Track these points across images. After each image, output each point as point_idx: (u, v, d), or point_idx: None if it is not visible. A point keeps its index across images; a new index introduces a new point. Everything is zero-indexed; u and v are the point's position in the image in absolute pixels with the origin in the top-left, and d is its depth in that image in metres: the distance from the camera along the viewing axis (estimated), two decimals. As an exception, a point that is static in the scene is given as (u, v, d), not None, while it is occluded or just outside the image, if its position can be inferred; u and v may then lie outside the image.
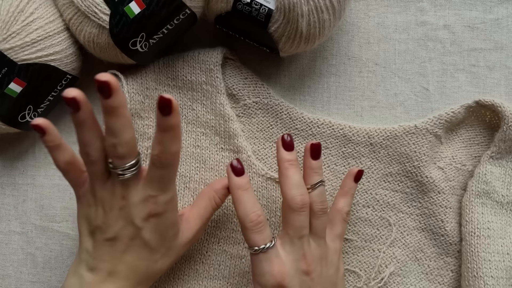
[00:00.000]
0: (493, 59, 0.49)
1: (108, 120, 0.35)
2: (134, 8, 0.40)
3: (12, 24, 0.40)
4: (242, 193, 0.40)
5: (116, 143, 0.35)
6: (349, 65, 0.49)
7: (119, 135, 0.35)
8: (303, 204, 0.39)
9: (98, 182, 0.38)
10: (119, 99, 0.34)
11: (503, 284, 0.43)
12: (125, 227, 0.38)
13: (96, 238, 0.39)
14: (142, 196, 0.37)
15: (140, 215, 0.38)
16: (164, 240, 0.39)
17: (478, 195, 0.45)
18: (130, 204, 0.37)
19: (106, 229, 0.38)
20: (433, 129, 0.46)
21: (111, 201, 0.38)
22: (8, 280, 0.49)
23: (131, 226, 0.38)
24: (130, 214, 0.38)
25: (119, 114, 0.35)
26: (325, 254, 0.41)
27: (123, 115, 0.35)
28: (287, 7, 0.40)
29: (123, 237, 0.38)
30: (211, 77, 0.46)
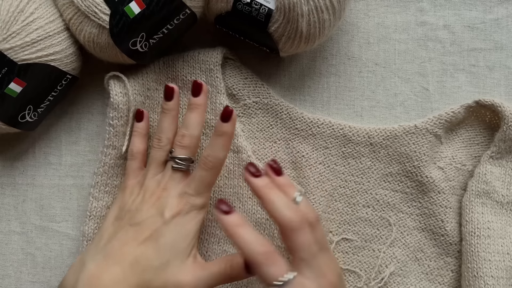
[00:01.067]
0: (493, 59, 0.49)
1: (187, 115, 0.43)
2: (134, 8, 0.40)
3: (12, 24, 0.40)
4: (241, 230, 0.36)
5: (185, 133, 0.42)
6: (349, 65, 0.49)
7: (190, 128, 0.42)
8: (302, 219, 0.37)
9: (152, 170, 0.43)
10: (204, 101, 0.43)
11: (503, 284, 0.43)
12: (154, 217, 0.40)
13: (120, 223, 0.41)
14: (180, 191, 0.41)
15: (172, 210, 0.40)
16: (170, 250, 0.39)
17: (478, 195, 0.45)
18: (168, 195, 0.41)
19: (136, 213, 0.40)
20: (433, 129, 0.46)
21: (154, 189, 0.41)
22: (8, 280, 0.49)
23: (159, 217, 0.40)
24: (164, 205, 0.40)
25: (199, 112, 0.42)
26: (338, 266, 0.39)
27: (200, 115, 0.43)
28: (287, 7, 0.40)
29: (147, 226, 0.40)
30: (211, 77, 0.46)
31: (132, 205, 0.41)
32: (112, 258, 0.39)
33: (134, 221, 0.40)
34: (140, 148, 0.45)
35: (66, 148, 0.49)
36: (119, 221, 0.41)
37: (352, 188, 0.47)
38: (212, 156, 0.41)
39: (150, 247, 0.39)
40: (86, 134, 0.49)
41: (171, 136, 0.43)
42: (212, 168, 0.41)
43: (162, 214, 0.40)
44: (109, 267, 0.38)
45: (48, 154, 0.49)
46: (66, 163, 0.49)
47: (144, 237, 0.39)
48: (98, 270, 0.38)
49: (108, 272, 0.38)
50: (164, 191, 0.41)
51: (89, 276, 0.38)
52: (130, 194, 0.43)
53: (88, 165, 0.49)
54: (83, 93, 0.49)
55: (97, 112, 0.50)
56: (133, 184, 0.43)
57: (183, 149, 0.42)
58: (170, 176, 0.42)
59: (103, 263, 0.39)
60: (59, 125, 0.50)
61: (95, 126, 0.49)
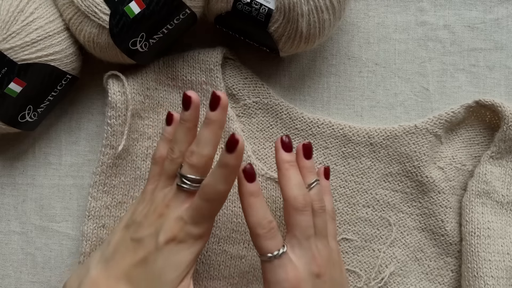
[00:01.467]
0: (493, 59, 0.49)
1: (201, 130, 0.38)
2: (134, 8, 0.40)
3: (12, 24, 0.40)
4: (254, 200, 0.38)
5: (194, 151, 0.38)
6: (349, 65, 0.49)
7: (201, 146, 0.38)
8: (306, 203, 0.39)
9: (162, 182, 0.40)
10: (220, 117, 0.38)
11: (504, 284, 0.43)
12: (150, 237, 0.38)
13: (126, 233, 0.39)
14: (178, 214, 0.38)
15: (166, 234, 0.37)
16: (159, 278, 0.37)
17: (478, 195, 0.45)
18: (168, 215, 0.38)
19: (138, 228, 0.39)
20: (433, 129, 0.46)
21: (158, 204, 0.39)
22: (8, 280, 0.49)
23: (154, 239, 0.37)
24: (161, 226, 0.38)
25: (212, 128, 0.38)
26: (331, 255, 0.41)
27: (214, 132, 0.38)
28: (287, 7, 0.40)
29: (143, 246, 0.38)
30: (211, 77, 0.46)
31: (139, 215, 0.39)
32: (111, 270, 0.38)
33: (135, 236, 0.39)
34: (163, 153, 0.41)
35: (66, 148, 0.49)
36: (126, 230, 0.40)
37: (352, 188, 0.47)
38: (211, 187, 0.37)
39: (140, 270, 0.38)
40: (86, 134, 0.49)
41: (184, 148, 0.39)
42: (211, 200, 0.37)
43: (157, 236, 0.37)
44: (107, 278, 0.38)
45: (48, 154, 0.49)
46: (66, 163, 0.49)
47: (138, 258, 0.38)
48: (98, 278, 0.38)
49: (106, 283, 0.38)
50: (166, 208, 0.38)
51: (90, 283, 0.38)
52: (143, 201, 0.40)
53: (88, 165, 0.49)
54: (83, 93, 0.49)
55: (97, 112, 0.50)
56: (150, 190, 0.41)
57: (191, 168, 0.38)
58: (174, 194, 0.38)
59: (104, 273, 0.38)
60: (59, 125, 0.50)
61: (95, 126, 0.49)
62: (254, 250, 0.45)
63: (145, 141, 0.47)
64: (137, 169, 0.47)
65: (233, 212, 0.46)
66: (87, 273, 0.39)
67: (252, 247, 0.45)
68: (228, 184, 0.37)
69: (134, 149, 0.47)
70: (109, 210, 0.46)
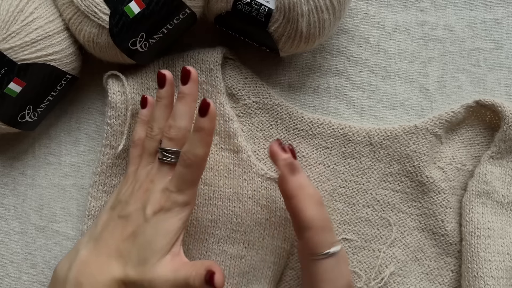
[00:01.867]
0: (493, 59, 0.49)
1: (175, 104, 0.40)
2: (134, 7, 0.40)
3: (11, 23, 0.40)
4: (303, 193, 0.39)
5: (172, 125, 0.40)
6: (349, 65, 0.49)
7: (177, 119, 0.40)
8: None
9: (145, 160, 0.41)
10: (192, 90, 0.40)
11: (504, 284, 0.43)
12: (138, 212, 0.39)
13: (112, 213, 0.40)
14: (163, 186, 0.39)
15: (154, 206, 0.39)
16: (149, 247, 0.38)
17: (478, 195, 0.45)
18: (153, 189, 0.39)
19: (125, 206, 0.40)
20: (433, 129, 0.46)
21: (143, 181, 0.40)
22: (8, 280, 0.49)
23: (142, 212, 0.39)
24: (147, 200, 0.39)
25: (186, 102, 0.40)
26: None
27: (188, 104, 0.40)
28: (287, 7, 0.40)
29: (131, 221, 0.39)
30: (211, 77, 0.46)
31: (124, 195, 0.41)
32: (101, 248, 0.39)
33: (122, 213, 0.40)
34: (141, 135, 0.43)
35: (66, 148, 0.49)
36: (112, 211, 0.41)
37: (352, 188, 0.47)
38: (190, 152, 0.38)
39: (131, 243, 0.39)
40: (86, 134, 0.49)
41: (162, 126, 0.42)
42: (191, 165, 0.38)
43: (144, 209, 0.39)
44: (98, 256, 0.39)
45: (48, 154, 0.49)
46: (66, 163, 0.49)
47: (127, 233, 0.39)
48: (88, 258, 0.39)
49: (96, 261, 0.39)
50: (150, 183, 0.40)
51: (80, 262, 0.38)
52: (126, 182, 0.42)
53: (87, 165, 0.49)
54: (83, 93, 0.49)
55: (97, 112, 0.49)
56: (132, 171, 0.42)
57: (170, 141, 0.40)
58: (157, 168, 0.40)
59: (94, 251, 0.39)
60: (59, 125, 0.50)
61: (95, 126, 0.49)
62: (253, 250, 0.45)
63: (145, 141, 0.47)
64: (137, 169, 0.47)
65: (232, 212, 0.46)
66: (77, 255, 0.39)
67: (252, 247, 0.45)
68: (205, 147, 0.38)
69: None
70: (109, 210, 0.46)
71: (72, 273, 0.38)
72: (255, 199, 0.46)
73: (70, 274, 0.38)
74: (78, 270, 0.38)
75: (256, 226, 0.46)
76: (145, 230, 0.39)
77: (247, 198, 0.46)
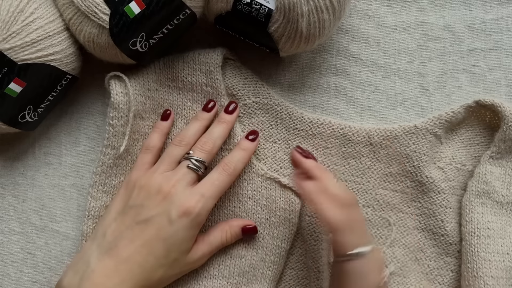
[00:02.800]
0: (493, 59, 0.49)
1: (215, 125, 0.45)
2: (134, 8, 0.40)
3: (12, 24, 0.40)
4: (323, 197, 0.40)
5: (208, 140, 0.43)
6: (349, 65, 0.49)
7: (214, 137, 0.44)
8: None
9: (163, 166, 0.43)
10: (233, 120, 0.45)
11: (503, 284, 0.43)
12: (161, 215, 0.40)
13: (125, 220, 0.41)
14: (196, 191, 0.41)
15: (179, 210, 0.40)
16: (178, 249, 0.40)
17: (478, 195, 0.45)
18: (175, 194, 0.40)
19: (142, 210, 0.40)
20: (433, 129, 0.46)
21: (162, 186, 0.41)
22: (8, 280, 0.49)
23: (166, 216, 0.40)
24: (171, 203, 0.40)
25: (226, 127, 0.45)
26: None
27: (227, 130, 0.45)
28: (287, 7, 0.40)
29: (154, 224, 0.40)
30: (211, 79, 0.46)
31: (136, 200, 0.41)
32: (118, 257, 0.39)
33: (140, 219, 0.40)
34: (157, 144, 0.45)
35: (66, 148, 0.49)
36: (123, 217, 0.41)
37: (352, 188, 0.47)
38: (233, 163, 0.43)
39: (157, 247, 0.39)
40: (86, 134, 0.49)
41: (192, 142, 0.44)
42: (232, 174, 0.42)
43: (168, 213, 0.40)
44: (117, 267, 0.39)
45: (48, 154, 0.49)
46: (66, 163, 0.49)
47: (150, 236, 0.39)
48: (106, 269, 0.39)
49: (117, 273, 0.38)
50: (173, 188, 0.41)
51: (95, 277, 0.38)
52: (133, 188, 0.42)
53: (88, 165, 0.49)
54: (83, 93, 0.49)
55: (97, 112, 0.50)
56: (139, 177, 0.43)
57: (203, 153, 0.43)
58: (183, 174, 0.42)
59: (110, 262, 0.39)
60: (59, 125, 0.50)
61: (95, 126, 0.49)
62: (253, 250, 0.46)
63: (146, 141, 0.47)
64: (137, 169, 0.47)
65: (232, 212, 0.46)
66: (88, 268, 0.39)
67: (252, 247, 0.45)
68: (244, 165, 0.44)
69: (134, 150, 0.47)
70: (109, 210, 0.46)
71: (86, 286, 0.38)
72: (255, 199, 0.46)
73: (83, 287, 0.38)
74: (93, 283, 0.38)
75: (256, 225, 0.46)
76: (173, 235, 0.39)
77: (247, 198, 0.46)
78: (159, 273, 0.40)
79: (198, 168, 0.42)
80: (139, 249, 0.39)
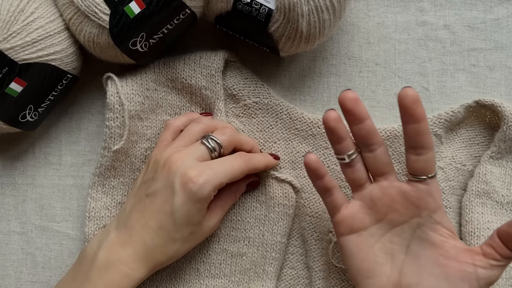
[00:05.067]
0: (493, 59, 0.49)
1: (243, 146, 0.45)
2: (134, 8, 0.40)
3: (12, 23, 0.40)
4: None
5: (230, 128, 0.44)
6: (349, 65, 0.49)
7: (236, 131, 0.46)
8: None
9: (180, 141, 0.42)
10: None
11: (503, 284, 0.43)
12: (165, 187, 0.39)
13: (139, 193, 0.41)
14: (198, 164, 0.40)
15: (181, 178, 0.39)
16: (189, 223, 0.40)
17: (478, 195, 0.45)
18: (182, 163, 0.39)
19: (152, 183, 0.41)
20: (433, 128, 0.46)
21: (171, 158, 0.40)
22: (8, 280, 0.49)
23: (169, 187, 0.39)
24: (175, 174, 0.39)
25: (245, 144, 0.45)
26: None
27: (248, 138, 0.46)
28: (287, 7, 0.40)
29: (159, 196, 0.40)
30: (211, 83, 0.46)
31: (149, 174, 0.42)
32: (132, 230, 0.40)
33: (149, 191, 0.41)
34: (179, 124, 0.44)
35: (66, 148, 0.49)
36: (138, 191, 0.42)
37: (352, 188, 0.47)
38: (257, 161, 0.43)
39: (166, 221, 0.40)
40: (86, 134, 0.49)
41: (215, 125, 0.44)
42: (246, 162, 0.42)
43: (172, 184, 0.39)
44: (131, 238, 0.40)
45: (48, 154, 0.49)
46: (66, 163, 0.49)
47: (157, 208, 0.40)
48: (120, 241, 0.40)
49: (131, 243, 0.40)
50: (180, 159, 0.40)
51: (111, 245, 0.40)
52: (149, 163, 0.42)
53: (88, 165, 0.49)
54: (83, 93, 0.50)
55: (97, 112, 0.50)
56: (155, 153, 0.43)
57: (223, 136, 0.42)
58: (194, 148, 0.41)
59: (125, 234, 0.40)
60: (59, 125, 0.50)
61: (95, 126, 0.49)
62: (254, 247, 0.46)
63: (144, 142, 0.47)
64: (136, 170, 0.47)
65: (232, 211, 0.46)
66: (107, 236, 0.41)
67: (252, 244, 0.46)
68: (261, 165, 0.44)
69: (133, 151, 0.46)
70: (109, 211, 0.46)
71: (102, 253, 0.40)
72: (254, 196, 0.46)
73: (100, 253, 0.40)
74: (109, 250, 0.40)
75: (256, 222, 0.46)
76: (177, 207, 0.39)
77: (246, 195, 0.46)
78: (174, 247, 0.40)
79: (213, 148, 0.41)
80: (149, 222, 0.40)
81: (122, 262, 0.39)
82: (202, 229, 0.42)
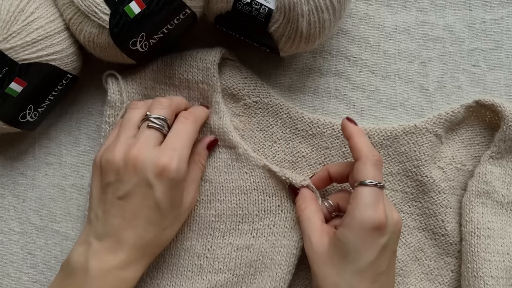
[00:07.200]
0: (493, 59, 0.49)
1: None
2: (134, 8, 0.40)
3: (12, 23, 0.40)
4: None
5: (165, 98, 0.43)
6: (349, 65, 0.49)
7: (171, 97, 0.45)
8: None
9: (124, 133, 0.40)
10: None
11: (503, 284, 0.43)
12: (139, 185, 0.38)
13: (107, 199, 0.39)
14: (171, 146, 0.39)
15: (154, 170, 0.38)
16: (173, 207, 0.40)
17: (478, 195, 0.45)
18: (145, 157, 0.38)
19: (120, 185, 0.39)
20: (433, 128, 0.46)
21: (128, 156, 0.38)
22: (8, 280, 0.49)
23: (144, 184, 0.38)
24: (144, 169, 0.38)
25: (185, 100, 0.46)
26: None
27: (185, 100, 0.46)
28: (287, 7, 0.40)
29: (135, 195, 0.38)
30: (207, 76, 0.46)
31: (109, 177, 0.39)
32: (118, 235, 0.39)
33: (119, 194, 0.39)
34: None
35: (66, 148, 0.49)
36: (105, 196, 0.39)
37: (352, 188, 0.47)
38: (192, 113, 0.43)
39: (151, 214, 0.39)
40: (86, 134, 0.49)
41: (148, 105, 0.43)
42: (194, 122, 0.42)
43: (147, 179, 0.38)
44: (119, 243, 0.39)
45: (48, 154, 0.49)
46: (66, 163, 0.49)
47: (138, 207, 0.38)
48: (108, 249, 0.38)
49: (121, 248, 0.38)
50: (140, 153, 0.38)
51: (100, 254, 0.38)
52: (100, 166, 0.40)
53: (88, 165, 0.49)
54: (83, 93, 0.50)
55: (97, 112, 0.50)
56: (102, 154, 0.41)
57: (162, 109, 0.41)
58: (145, 136, 0.40)
59: (111, 242, 0.39)
60: (59, 125, 0.50)
61: (95, 126, 0.49)
62: (262, 237, 0.45)
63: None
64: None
65: (237, 205, 0.46)
66: (89, 247, 0.39)
67: (261, 235, 0.45)
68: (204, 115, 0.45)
69: None
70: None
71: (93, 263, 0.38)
72: (260, 190, 0.45)
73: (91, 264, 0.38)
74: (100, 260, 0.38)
75: (266, 214, 0.45)
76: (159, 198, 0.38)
77: (251, 189, 0.45)
78: (165, 235, 0.41)
79: (160, 126, 0.40)
80: (133, 222, 0.39)
81: (118, 267, 0.38)
82: (184, 207, 0.42)
